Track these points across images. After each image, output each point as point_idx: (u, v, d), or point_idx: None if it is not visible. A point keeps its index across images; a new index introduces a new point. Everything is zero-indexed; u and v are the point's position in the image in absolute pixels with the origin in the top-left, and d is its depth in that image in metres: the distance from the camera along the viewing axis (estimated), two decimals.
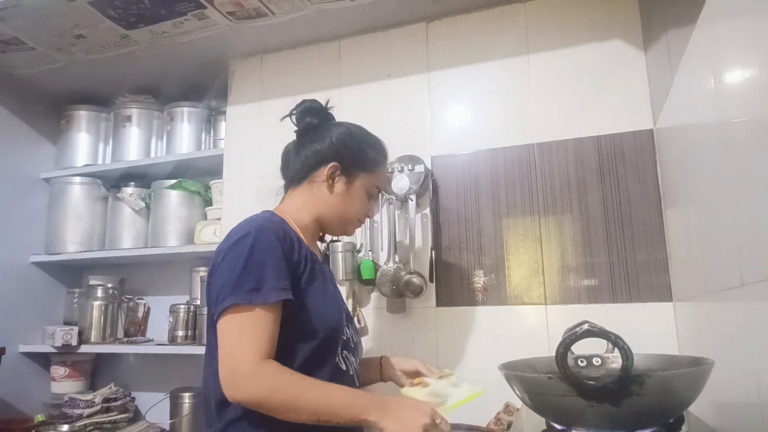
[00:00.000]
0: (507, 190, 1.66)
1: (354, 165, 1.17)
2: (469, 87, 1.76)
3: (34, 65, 2.02)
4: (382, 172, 1.23)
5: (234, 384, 0.92)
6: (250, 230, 1.01)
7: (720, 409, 1.04)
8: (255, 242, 0.99)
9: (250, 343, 0.93)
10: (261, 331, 0.95)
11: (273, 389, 0.92)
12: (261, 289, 0.95)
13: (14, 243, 2.13)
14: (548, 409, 0.89)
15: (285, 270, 1.00)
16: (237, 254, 0.98)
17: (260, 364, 0.92)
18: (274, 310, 0.97)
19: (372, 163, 1.19)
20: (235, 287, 0.95)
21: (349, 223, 1.20)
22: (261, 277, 0.96)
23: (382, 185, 1.26)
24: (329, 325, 1.07)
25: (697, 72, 1.05)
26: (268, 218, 1.07)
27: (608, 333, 0.79)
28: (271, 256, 0.99)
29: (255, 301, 0.94)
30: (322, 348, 1.05)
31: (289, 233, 1.06)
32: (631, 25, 1.60)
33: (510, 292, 1.60)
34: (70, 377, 2.12)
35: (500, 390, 1.52)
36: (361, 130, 1.22)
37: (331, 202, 1.16)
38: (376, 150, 1.21)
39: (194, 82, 2.21)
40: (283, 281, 0.99)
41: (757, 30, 0.74)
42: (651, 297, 1.46)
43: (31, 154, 2.26)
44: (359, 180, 1.18)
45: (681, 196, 1.29)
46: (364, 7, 1.71)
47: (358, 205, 1.18)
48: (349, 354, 1.14)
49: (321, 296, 1.08)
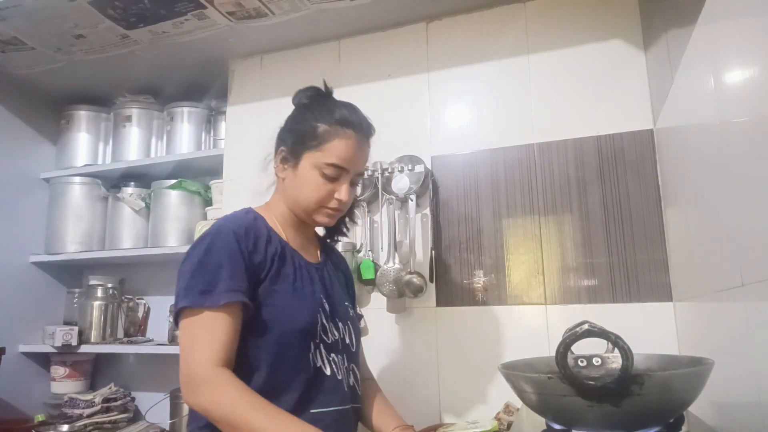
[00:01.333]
0: (507, 190, 1.66)
1: (297, 145, 1.07)
2: (469, 87, 1.76)
3: (34, 65, 2.02)
4: (335, 146, 1.04)
5: (190, 390, 0.90)
6: (211, 231, 1.00)
7: (720, 409, 1.04)
8: (211, 243, 0.97)
9: (203, 347, 0.90)
10: (213, 335, 0.91)
11: (218, 400, 0.88)
12: (212, 292, 0.92)
13: (14, 243, 2.13)
14: (548, 409, 0.89)
15: (241, 271, 0.96)
16: (193, 257, 0.97)
17: (213, 370, 0.89)
18: (230, 312, 0.93)
19: (320, 140, 1.04)
20: (188, 290, 0.93)
21: (309, 210, 1.08)
22: (214, 279, 0.93)
23: (343, 161, 1.05)
24: (297, 326, 1.00)
25: (697, 72, 1.05)
26: (238, 217, 1.05)
27: (608, 333, 0.79)
28: (227, 256, 0.96)
29: (205, 303, 0.91)
30: (289, 351, 0.99)
31: (256, 230, 1.03)
32: (631, 25, 1.60)
33: (510, 292, 1.60)
34: (70, 377, 2.12)
35: (500, 390, 1.53)
36: (325, 107, 1.08)
37: (287, 190, 1.10)
38: (331, 122, 1.05)
39: (194, 82, 2.21)
40: (237, 282, 0.95)
41: (757, 30, 0.74)
42: (651, 297, 1.46)
43: (31, 154, 2.26)
44: (304, 161, 1.06)
45: (681, 196, 1.29)
46: (364, 7, 1.71)
47: (310, 189, 1.05)
48: (339, 356, 1.07)
49: (290, 296, 1.02)
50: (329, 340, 1.06)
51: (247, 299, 0.95)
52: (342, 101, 1.13)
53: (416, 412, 1.61)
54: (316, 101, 1.11)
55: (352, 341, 1.14)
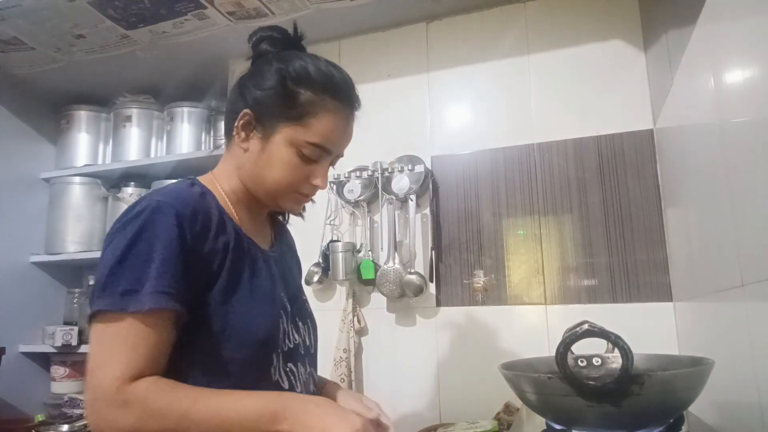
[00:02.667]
0: (507, 190, 1.66)
1: (270, 112, 0.84)
2: (469, 87, 1.76)
3: (34, 65, 2.02)
4: (322, 122, 0.84)
5: (95, 413, 0.70)
6: (144, 208, 0.76)
7: (720, 409, 1.04)
8: (144, 226, 0.74)
9: (116, 363, 0.70)
10: (133, 347, 0.71)
11: (144, 417, 0.69)
12: (138, 292, 0.71)
13: (14, 243, 2.13)
14: (548, 409, 0.89)
15: (177, 266, 0.74)
16: (118, 242, 0.74)
17: (125, 389, 0.69)
18: (159, 318, 0.73)
19: (302, 110, 0.83)
20: (106, 287, 0.72)
21: (276, 194, 0.87)
22: (142, 275, 0.72)
23: (329, 142, 0.86)
24: (256, 337, 0.82)
25: (697, 72, 1.05)
26: (181, 190, 0.81)
27: (608, 333, 0.79)
28: (162, 246, 0.73)
29: (128, 308, 0.71)
30: (248, 369, 0.81)
31: (206, 211, 0.81)
32: (631, 25, 1.60)
33: (510, 292, 1.60)
34: (70, 377, 2.12)
35: (500, 390, 1.53)
36: (304, 63, 0.85)
37: (247, 164, 0.87)
38: (318, 89, 0.84)
39: (194, 82, 2.21)
40: (170, 282, 0.73)
41: (757, 30, 0.74)
42: (651, 297, 1.46)
43: (31, 154, 2.25)
44: (278, 134, 0.84)
45: (681, 196, 1.29)
46: (364, 7, 1.71)
47: (281, 169, 0.84)
48: (297, 365, 0.90)
49: (248, 301, 0.82)
50: (289, 346, 0.88)
51: (179, 306, 0.74)
52: (323, 58, 0.89)
53: (416, 412, 1.61)
54: (288, 52, 0.88)
55: (311, 342, 0.98)
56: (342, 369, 1.64)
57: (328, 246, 1.72)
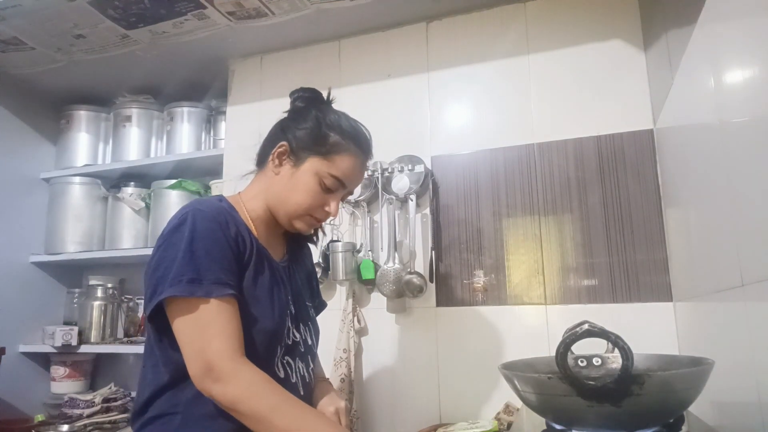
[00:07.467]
0: (507, 190, 1.66)
1: (305, 146, 1.02)
2: (469, 87, 1.76)
3: (34, 65, 2.02)
4: (344, 161, 1.02)
5: (211, 379, 0.84)
6: (186, 216, 0.91)
7: (720, 409, 1.04)
8: (193, 229, 0.90)
9: (219, 336, 0.85)
10: (225, 323, 0.87)
11: (249, 394, 0.84)
12: (202, 281, 0.86)
13: (14, 243, 2.13)
14: (548, 409, 0.89)
15: (230, 261, 0.91)
16: (174, 243, 0.89)
17: (236, 361, 0.85)
18: (230, 302, 0.89)
19: (330, 148, 1.02)
20: (182, 277, 0.86)
21: (294, 215, 1.03)
22: (202, 267, 0.87)
23: (346, 178, 1.04)
24: (268, 327, 0.96)
25: (697, 72, 1.05)
26: (212, 203, 0.98)
27: (608, 333, 0.79)
28: (213, 244, 0.90)
29: (196, 293, 0.86)
30: (257, 352, 0.93)
31: (234, 220, 0.97)
32: (631, 25, 1.60)
33: (510, 292, 1.60)
34: (70, 377, 2.12)
35: (500, 390, 1.53)
36: (337, 116, 1.06)
37: (275, 187, 1.04)
38: (345, 135, 1.03)
39: (194, 82, 2.21)
40: (227, 274, 0.90)
41: (757, 30, 0.74)
42: (651, 297, 1.46)
43: (31, 154, 2.26)
44: (308, 163, 1.02)
45: (681, 196, 1.29)
46: (364, 7, 1.71)
47: (304, 193, 1.01)
48: (294, 359, 1.03)
49: (265, 293, 0.98)
50: (289, 343, 1.02)
51: (237, 293, 0.91)
52: (348, 115, 1.10)
53: (416, 412, 1.61)
54: (320, 107, 1.08)
55: (313, 342, 1.11)
56: (342, 369, 1.64)
57: (328, 246, 1.72)
